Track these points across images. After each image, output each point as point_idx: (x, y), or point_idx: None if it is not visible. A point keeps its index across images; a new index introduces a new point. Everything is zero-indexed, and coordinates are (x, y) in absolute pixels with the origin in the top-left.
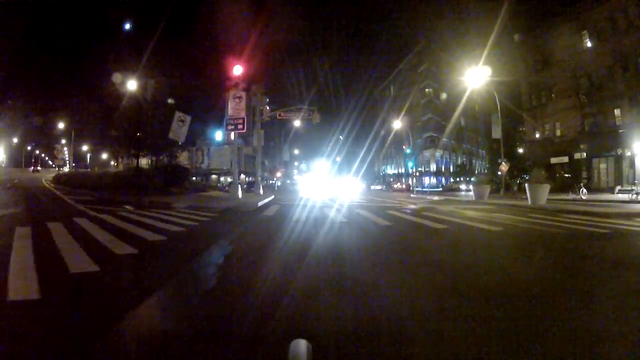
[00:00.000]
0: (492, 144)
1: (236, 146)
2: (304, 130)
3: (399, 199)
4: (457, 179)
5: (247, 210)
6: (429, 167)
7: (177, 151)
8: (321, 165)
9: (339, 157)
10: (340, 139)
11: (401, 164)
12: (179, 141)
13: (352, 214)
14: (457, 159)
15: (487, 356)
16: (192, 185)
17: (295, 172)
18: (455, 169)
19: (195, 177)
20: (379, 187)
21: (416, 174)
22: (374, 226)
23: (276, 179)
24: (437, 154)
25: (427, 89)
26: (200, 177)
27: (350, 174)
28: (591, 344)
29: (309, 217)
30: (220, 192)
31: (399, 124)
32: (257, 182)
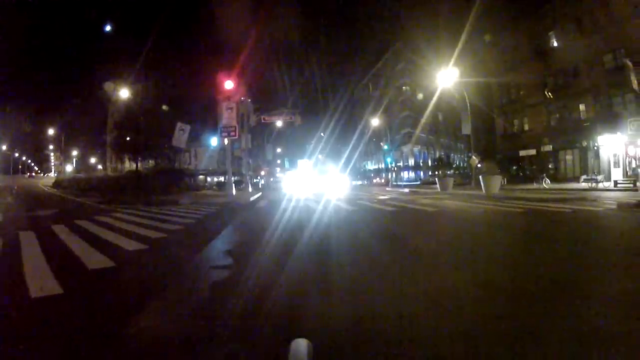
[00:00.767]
0: (467, 138)
1: (230, 151)
2: (287, 129)
3: (374, 192)
4: (435, 173)
5: (243, 203)
6: (408, 161)
7: (175, 155)
8: (304, 162)
9: (321, 154)
10: (322, 136)
11: (381, 160)
12: (182, 148)
13: (327, 203)
14: (436, 153)
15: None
16: (187, 185)
17: (278, 169)
18: (433, 163)
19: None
20: (360, 182)
21: (395, 169)
22: (342, 210)
23: (260, 177)
24: (415, 149)
25: (404, 87)
26: (188, 178)
27: (335, 170)
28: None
29: (293, 207)
30: (211, 190)
31: (377, 121)
32: (246, 181)
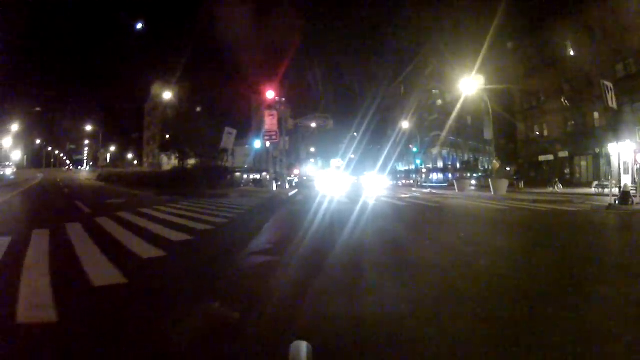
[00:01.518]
0: (497, 141)
1: (271, 153)
2: (320, 130)
3: (400, 191)
4: (462, 175)
5: (285, 197)
6: (437, 163)
7: (219, 154)
8: (337, 162)
9: (354, 154)
10: (355, 136)
11: (412, 161)
12: (229, 148)
13: (354, 198)
14: (464, 155)
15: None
16: (229, 182)
17: (311, 168)
18: (461, 166)
19: None
20: (392, 182)
21: (424, 171)
22: (363, 203)
23: (294, 176)
24: (444, 151)
25: (433, 90)
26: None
27: (373, 171)
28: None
29: (324, 200)
30: (249, 187)
31: (407, 124)
32: (284, 178)
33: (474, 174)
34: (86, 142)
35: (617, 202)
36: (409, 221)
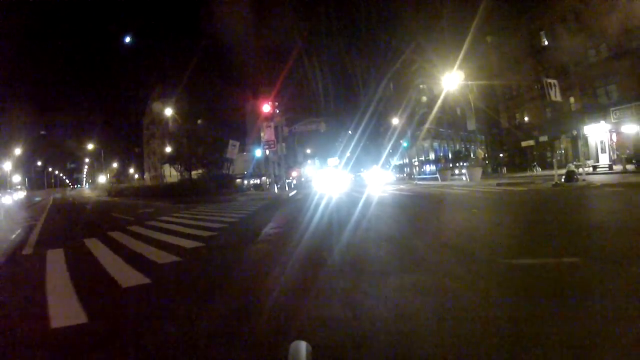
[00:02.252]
0: (490, 129)
1: (271, 159)
2: (314, 133)
3: (389, 185)
4: (454, 165)
5: (286, 198)
6: (429, 155)
7: (223, 163)
8: (334, 161)
9: (350, 152)
10: (350, 134)
11: (405, 155)
12: (233, 158)
13: (348, 195)
14: (455, 146)
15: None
16: (232, 188)
17: (308, 169)
18: (453, 156)
19: None
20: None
21: (416, 164)
22: (352, 196)
23: (292, 178)
24: (435, 143)
25: (421, 85)
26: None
27: (371, 166)
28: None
29: (320, 197)
30: (251, 191)
31: (396, 120)
32: (283, 182)
33: (464, 163)
34: (86, 160)
35: (563, 180)
36: (380, 205)
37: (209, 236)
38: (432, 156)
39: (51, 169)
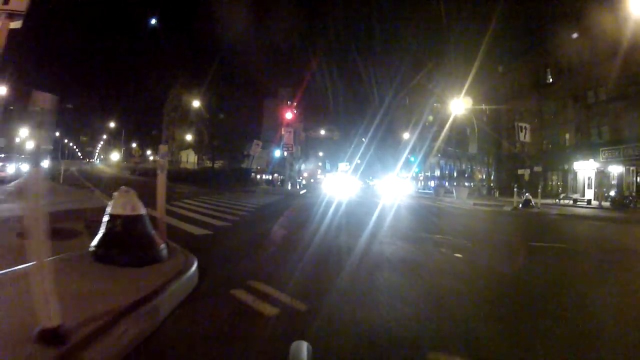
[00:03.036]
0: (496, 150)
1: (288, 159)
2: (328, 138)
3: (390, 195)
4: (440, 184)
5: (298, 194)
6: (434, 172)
7: (245, 160)
8: (344, 166)
9: (360, 159)
10: (363, 141)
11: (412, 169)
12: (254, 155)
13: (351, 200)
14: (462, 165)
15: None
16: (249, 182)
17: (319, 171)
18: (458, 174)
19: None
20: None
21: (421, 178)
22: (351, 200)
23: (302, 178)
24: (442, 161)
25: (435, 104)
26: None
27: (385, 174)
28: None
29: (326, 195)
30: (265, 186)
31: (407, 134)
32: (295, 181)
33: (466, 183)
34: (104, 136)
35: (520, 206)
36: (366, 210)
37: (248, 211)
38: (437, 172)
39: (66, 141)
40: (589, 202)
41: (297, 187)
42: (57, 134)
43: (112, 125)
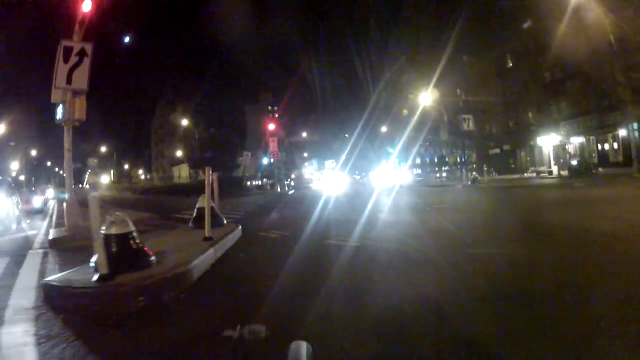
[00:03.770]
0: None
1: (274, 165)
2: (311, 140)
3: (373, 186)
4: (440, 168)
5: (287, 194)
6: (415, 160)
7: (238, 169)
8: (330, 163)
9: (347, 155)
10: (347, 137)
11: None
12: (246, 165)
13: (341, 194)
14: (441, 151)
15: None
16: (241, 188)
17: (306, 171)
18: (437, 160)
19: None
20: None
21: (403, 167)
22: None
23: (290, 179)
24: (422, 149)
25: (409, 96)
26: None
27: (368, 169)
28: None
29: (312, 194)
30: (256, 191)
31: (385, 128)
32: (283, 183)
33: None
34: (95, 160)
35: (470, 183)
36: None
37: (249, 212)
38: (417, 161)
39: (57, 169)
40: (550, 173)
41: (286, 189)
42: (48, 164)
43: (103, 149)
